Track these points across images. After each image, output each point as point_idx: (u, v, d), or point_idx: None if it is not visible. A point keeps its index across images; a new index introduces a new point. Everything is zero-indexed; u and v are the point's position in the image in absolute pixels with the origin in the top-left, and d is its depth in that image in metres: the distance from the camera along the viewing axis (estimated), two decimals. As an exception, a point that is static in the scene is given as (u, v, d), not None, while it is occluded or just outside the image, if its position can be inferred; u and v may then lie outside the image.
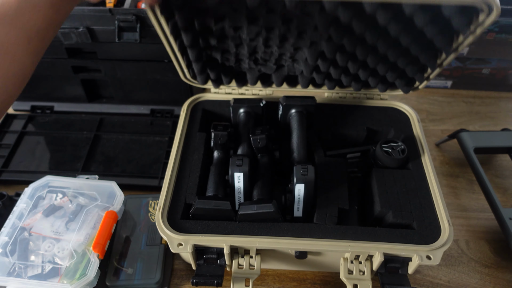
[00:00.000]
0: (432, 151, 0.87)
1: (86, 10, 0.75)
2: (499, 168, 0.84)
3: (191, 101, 0.76)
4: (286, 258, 0.63)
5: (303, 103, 0.70)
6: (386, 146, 0.67)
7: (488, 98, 0.99)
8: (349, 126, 0.73)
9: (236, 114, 0.73)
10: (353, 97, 0.77)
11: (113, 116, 0.92)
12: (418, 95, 0.99)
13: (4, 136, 0.88)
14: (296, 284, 0.66)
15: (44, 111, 0.94)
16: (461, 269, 0.68)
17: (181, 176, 0.65)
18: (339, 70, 0.67)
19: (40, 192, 0.71)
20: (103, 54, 0.83)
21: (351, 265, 0.58)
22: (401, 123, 0.73)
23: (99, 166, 0.82)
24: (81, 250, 0.64)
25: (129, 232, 0.70)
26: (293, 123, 0.69)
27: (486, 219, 0.75)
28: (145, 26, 0.76)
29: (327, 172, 0.64)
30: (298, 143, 0.67)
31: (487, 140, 0.79)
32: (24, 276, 0.61)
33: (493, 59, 0.95)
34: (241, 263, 0.59)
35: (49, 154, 0.84)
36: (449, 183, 0.81)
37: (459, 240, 0.72)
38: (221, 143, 0.67)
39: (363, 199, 0.69)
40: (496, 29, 0.88)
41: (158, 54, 0.82)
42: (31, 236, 0.65)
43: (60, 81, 0.91)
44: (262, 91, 0.78)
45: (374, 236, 0.57)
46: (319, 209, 0.60)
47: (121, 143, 0.86)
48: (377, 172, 0.65)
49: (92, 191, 0.72)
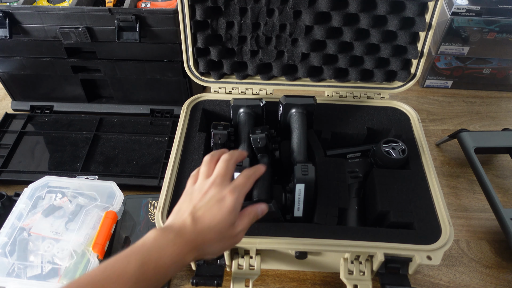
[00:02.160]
0: (432, 151, 0.87)
1: (86, 9, 0.75)
2: (499, 168, 0.84)
3: (191, 101, 0.76)
4: (286, 258, 0.63)
5: (303, 102, 0.70)
6: (387, 146, 0.67)
7: (489, 98, 0.99)
8: (349, 126, 0.73)
9: (236, 114, 0.73)
10: (353, 97, 0.77)
11: (113, 116, 0.92)
12: (419, 95, 0.99)
13: (4, 136, 0.88)
14: (296, 284, 0.66)
15: (44, 111, 0.94)
16: (461, 269, 0.68)
17: (181, 176, 0.65)
18: (336, 43, 0.71)
19: (39, 192, 0.71)
20: (102, 54, 0.83)
21: (351, 265, 0.58)
22: (401, 123, 0.73)
23: (98, 166, 0.82)
24: (81, 250, 0.63)
25: (128, 232, 0.70)
26: (294, 123, 0.69)
27: (487, 219, 0.75)
28: (144, 26, 0.76)
29: (327, 172, 0.64)
30: (298, 142, 0.67)
31: (488, 140, 0.79)
32: (23, 276, 0.61)
33: (494, 59, 0.94)
34: (241, 264, 0.58)
35: (48, 154, 0.84)
36: (449, 183, 0.81)
37: (459, 240, 0.72)
38: (221, 142, 0.67)
39: (363, 199, 0.68)
40: (496, 29, 0.87)
41: (158, 54, 0.82)
42: (30, 237, 0.65)
43: (59, 81, 0.90)
44: (262, 91, 0.78)
45: (374, 236, 0.57)
46: (319, 209, 0.60)
47: (120, 143, 0.86)
48: (378, 172, 0.65)
49: (92, 191, 0.72)
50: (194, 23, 0.70)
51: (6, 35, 0.78)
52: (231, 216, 0.47)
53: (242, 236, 0.49)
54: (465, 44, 0.91)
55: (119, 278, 0.39)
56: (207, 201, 0.48)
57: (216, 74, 0.77)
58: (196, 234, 0.45)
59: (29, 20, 0.78)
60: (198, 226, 0.46)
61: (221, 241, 0.47)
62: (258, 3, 0.67)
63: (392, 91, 0.77)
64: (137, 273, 0.40)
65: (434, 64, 0.97)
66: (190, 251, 0.44)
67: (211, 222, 0.46)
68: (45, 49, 0.83)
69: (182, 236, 0.45)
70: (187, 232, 0.45)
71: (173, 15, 0.74)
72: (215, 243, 0.46)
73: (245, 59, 0.75)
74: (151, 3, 0.85)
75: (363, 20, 0.68)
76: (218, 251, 0.48)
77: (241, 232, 0.49)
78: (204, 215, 0.46)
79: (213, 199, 0.47)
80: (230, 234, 0.47)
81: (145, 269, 0.41)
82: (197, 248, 0.45)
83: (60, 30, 0.77)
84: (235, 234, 0.48)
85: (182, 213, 0.48)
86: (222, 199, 0.47)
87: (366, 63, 0.74)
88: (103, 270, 0.40)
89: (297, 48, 0.73)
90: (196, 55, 0.74)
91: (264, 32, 0.71)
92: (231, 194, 0.48)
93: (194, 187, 0.51)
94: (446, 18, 0.88)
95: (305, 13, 0.68)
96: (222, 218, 0.46)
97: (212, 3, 0.67)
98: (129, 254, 0.42)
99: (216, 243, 0.47)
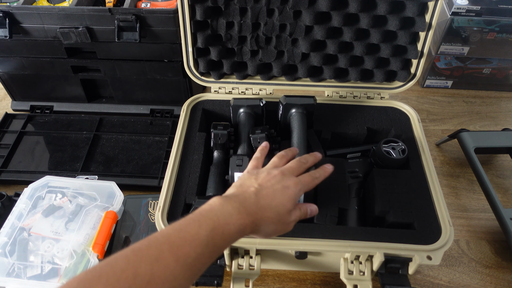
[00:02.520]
0: (432, 151, 0.87)
1: (86, 9, 0.75)
2: (499, 168, 0.83)
3: (191, 101, 0.76)
4: (286, 258, 0.63)
5: (303, 102, 0.70)
6: (387, 146, 0.67)
7: (489, 98, 0.99)
8: (349, 126, 0.73)
9: (236, 114, 0.73)
10: (353, 97, 0.77)
11: (113, 116, 0.92)
12: (419, 95, 0.99)
13: (4, 136, 0.88)
14: (296, 284, 0.66)
15: (44, 111, 0.94)
16: (461, 269, 0.68)
17: (181, 176, 0.65)
18: (336, 43, 0.71)
19: (39, 192, 0.71)
20: (102, 54, 0.83)
21: (351, 265, 0.58)
22: (401, 123, 0.73)
23: (98, 166, 0.82)
24: (81, 250, 0.63)
25: (128, 232, 0.70)
26: (293, 123, 0.69)
27: (487, 219, 0.75)
28: (144, 26, 0.76)
29: (327, 172, 0.64)
30: (298, 142, 0.67)
31: (488, 140, 0.79)
32: (23, 276, 0.61)
33: (494, 59, 0.94)
34: (241, 264, 0.58)
35: (48, 154, 0.84)
36: (449, 183, 0.81)
37: (459, 240, 0.72)
38: (220, 142, 0.67)
39: (363, 199, 0.68)
40: (496, 29, 0.87)
41: (157, 54, 0.82)
42: (30, 237, 0.65)
43: (59, 81, 0.90)
44: (262, 91, 0.78)
45: (374, 236, 0.57)
46: (319, 209, 0.59)
47: (120, 143, 0.86)
48: (378, 172, 0.65)
49: (92, 191, 0.72)
50: (194, 23, 0.70)
51: (6, 35, 0.78)
52: (290, 203, 0.49)
53: (292, 226, 0.51)
54: (465, 44, 0.91)
55: (192, 241, 0.41)
56: (272, 184, 0.50)
57: (216, 74, 0.77)
58: (258, 209, 0.47)
59: (29, 20, 0.78)
60: (261, 202, 0.48)
61: (277, 223, 0.49)
62: (258, 3, 0.67)
63: (392, 91, 0.77)
64: (208, 237, 0.42)
65: (434, 64, 0.97)
66: (250, 224, 0.46)
67: (272, 201, 0.48)
68: (45, 49, 0.83)
69: (246, 207, 0.46)
70: (250, 204, 0.47)
71: (173, 15, 0.74)
72: (271, 224, 0.48)
73: (245, 59, 0.75)
74: (151, 3, 0.85)
75: (363, 20, 0.68)
76: (271, 231, 0.49)
77: (293, 222, 0.51)
78: (268, 195, 0.49)
79: (279, 184, 0.50)
80: (285, 220, 0.50)
81: (214, 233, 0.42)
82: (256, 223, 0.47)
83: (60, 30, 0.77)
84: (289, 221, 0.50)
85: (246, 188, 0.49)
86: (287, 187, 0.50)
87: (366, 63, 0.74)
88: (178, 231, 0.41)
89: (297, 48, 0.73)
90: (196, 55, 0.74)
91: (264, 32, 0.71)
92: (295, 186, 0.51)
93: (261, 169, 0.53)
94: (446, 18, 0.88)
95: (305, 13, 0.68)
96: (283, 202, 0.49)
97: (212, 3, 0.67)
98: (199, 217, 0.43)
99: (272, 224, 0.48)
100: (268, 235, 0.50)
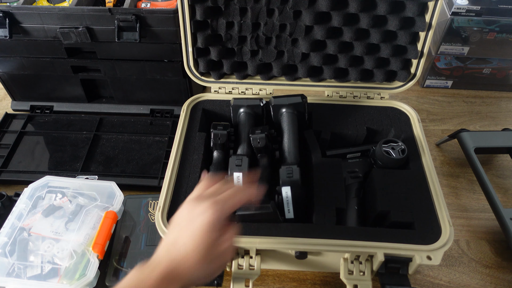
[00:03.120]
0: (432, 151, 0.87)
1: (86, 9, 0.75)
2: (499, 168, 0.83)
3: (191, 101, 0.76)
4: (286, 258, 0.63)
5: (290, 102, 0.69)
6: (386, 146, 0.67)
7: (489, 98, 0.99)
8: (349, 126, 0.73)
9: (236, 114, 0.73)
10: (353, 97, 0.77)
11: (113, 116, 0.92)
12: (419, 95, 0.99)
13: (3, 136, 0.88)
14: (296, 284, 0.66)
15: (44, 111, 0.94)
16: (461, 269, 0.68)
17: (181, 176, 0.65)
18: (336, 43, 0.71)
19: (39, 192, 0.71)
20: (102, 53, 0.83)
21: (351, 265, 0.58)
22: (401, 123, 0.73)
23: (98, 166, 0.82)
24: (81, 250, 0.63)
25: (128, 232, 0.70)
26: (283, 124, 0.69)
27: (487, 219, 0.75)
28: (144, 26, 0.76)
29: (324, 173, 0.64)
30: (288, 143, 0.67)
31: (488, 140, 0.79)
32: (23, 276, 0.61)
33: (494, 59, 0.94)
34: (241, 264, 0.58)
35: (48, 154, 0.84)
36: (449, 183, 0.81)
37: (459, 240, 0.72)
38: (220, 142, 0.67)
39: (363, 199, 0.68)
40: (496, 29, 0.87)
41: (157, 54, 0.82)
42: (30, 237, 0.65)
43: (59, 81, 0.90)
44: (262, 91, 0.78)
45: (374, 236, 0.57)
46: (317, 210, 0.60)
47: (120, 143, 0.86)
48: (377, 172, 0.65)
49: (92, 191, 0.72)
50: (194, 23, 0.70)
51: (6, 35, 0.78)
52: (209, 234, 0.40)
53: (230, 255, 0.43)
54: (465, 44, 0.91)
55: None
56: (179, 222, 0.42)
57: (216, 74, 0.77)
58: (173, 265, 0.40)
59: (29, 20, 0.78)
60: (172, 255, 0.40)
61: (206, 265, 0.41)
62: (258, 3, 0.68)
63: (392, 91, 0.77)
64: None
65: (434, 64, 0.97)
66: (169, 285, 0.39)
67: (186, 247, 0.40)
68: (45, 49, 0.83)
69: (155, 270, 0.40)
70: (161, 265, 0.40)
71: (173, 15, 0.74)
72: (198, 270, 0.41)
73: (245, 59, 0.75)
74: (151, 3, 0.85)
75: (363, 20, 0.68)
76: (204, 276, 0.42)
77: (229, 250, 0.43)
78: (177, 241, 0.41)
79: (185, 219, 0.41)
80: (215, 254, 0.41)
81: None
82: (176, 280, 0.40)
83: (60, 30, 0.77)
84: (220, 252, 0.42)
85: (163, 243, 0.43)
86: (198, 215, 0.41)
87: (366, 63, 0.74)
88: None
89: (297, 48, 0.73)
90: (196, 55, 0.74)
91: (264, 32, 0.71)
92: (210, 207, 0.41)
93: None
94: (446, 18, 0.88)
95: (305, 13, 0.68)
96: (197, 239, 0.40)
97: (212, 3, 0.67)
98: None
99: (200, 269, 0.41)
100: (207, 279, 0.42)
